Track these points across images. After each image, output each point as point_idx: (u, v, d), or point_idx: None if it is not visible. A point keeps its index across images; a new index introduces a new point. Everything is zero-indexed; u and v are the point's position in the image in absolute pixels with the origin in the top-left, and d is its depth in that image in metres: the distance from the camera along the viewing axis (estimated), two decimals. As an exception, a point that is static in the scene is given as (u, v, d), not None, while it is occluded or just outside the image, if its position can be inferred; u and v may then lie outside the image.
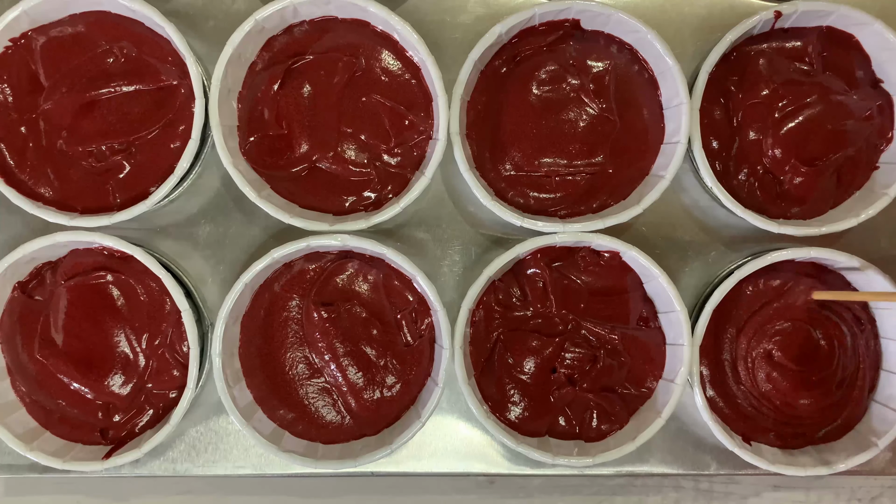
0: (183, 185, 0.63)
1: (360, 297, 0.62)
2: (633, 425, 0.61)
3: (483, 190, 0.59)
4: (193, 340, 0.59)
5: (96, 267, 0.61)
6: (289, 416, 0.62)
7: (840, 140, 0.61)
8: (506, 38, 0.61)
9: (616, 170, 0.62)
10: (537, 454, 0.58)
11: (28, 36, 0.60)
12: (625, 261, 0.62)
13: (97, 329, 0.61)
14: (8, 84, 0.61)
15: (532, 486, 0.72)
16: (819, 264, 0.63)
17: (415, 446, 0.64)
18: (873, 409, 0.63)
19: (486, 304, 0.62)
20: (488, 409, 0.60)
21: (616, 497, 0.72)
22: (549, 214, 0.62)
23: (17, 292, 0.61)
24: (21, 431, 0.60)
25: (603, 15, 0.60)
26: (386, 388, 0.61)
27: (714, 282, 0.64)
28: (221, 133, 0.58)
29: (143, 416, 0.62)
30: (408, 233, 0.65)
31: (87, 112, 0.60)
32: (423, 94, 0.61)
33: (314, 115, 0.61)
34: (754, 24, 0.60)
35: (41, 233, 0.59)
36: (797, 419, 0.63)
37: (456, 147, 0.58)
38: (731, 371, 0.63)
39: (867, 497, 0.73)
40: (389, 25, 0.60)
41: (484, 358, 0.62)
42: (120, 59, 0.61)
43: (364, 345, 0.61)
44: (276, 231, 0.65)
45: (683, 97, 0.59)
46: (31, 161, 0.61)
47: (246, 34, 0.58)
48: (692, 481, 0.73)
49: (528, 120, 0.61)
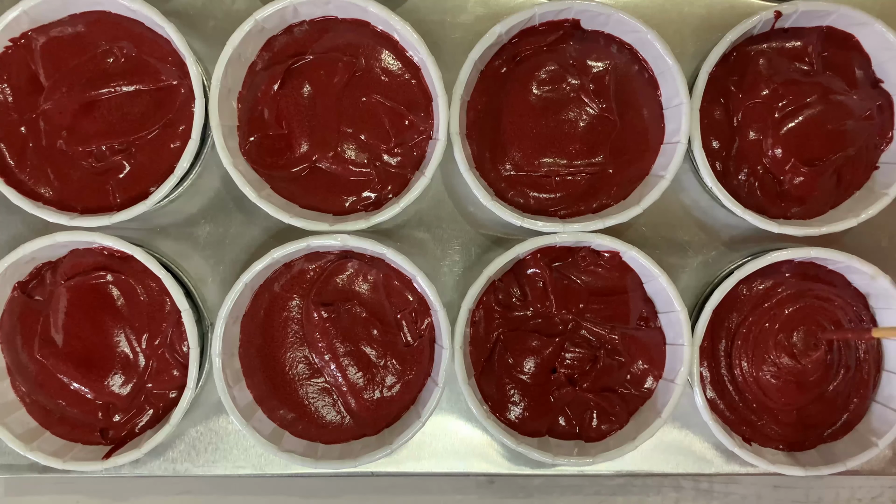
0: (183, 185, 0.63)
1: (360, 297, 0.62)
2: (633, 425, 0.61)
3: (483, 190, 0.59)
4: (193, 340, 0.59)
5: (96, 267, 0.61)
6: (289, 416, 0.62)
7: (840, 140, 0.61)
8: (506, 38, 0.61)
9: (616, 170, 0.62)
10: (537, 454, 0.58)
11: (28, 36, 0.60)
12: (625, 261, 0.62)
13: (97, 329, 0.61)
14: (8, 84, 0.61)
15: (532, 486, 0.72)
16: (819, 264, 0.63)
17: (415, 446, 0.64)
18: (873, 409, 0.63)
19: (486, 304, 0.62)
20: (488, 409, 0.60)
21: (616, 497, 0.72)
22: (549, 214, 0.62)
23: (17, 292, 0.61)
24: (21, 431, 0.60)
25: (603, 15, 0.60)
26: (386, 388, 0.61)
27: (714, 282, 0.64)
28: (221, 133, 0.58)
29: (143, 416, 0.62)
30: (408, 233, 0.65)
31: (87, 112, 0.60)
32: (423, 94, 0.61)
33: (314, 115, 0.61)
34: (754, 24, 0.60)
35: (41, 233, 0.59)
36: (797, 419, 0.63)
37: (456, 147, 0.58)
38: (731, 371, 0.63)
39: (867, 497, 0.73)
40: (389, 25, 0.60)
41: (484, 358, 0.62)
42: (120, 59, 0.61)
43: (364, 345, 0.61)
44: (276, 231, 0.65)
45: (683, 97, 0.59)
46: (31, 161, 0.61)
47: (246, 34, 0.58)
48: (692, 481, 0.73)
49: (528, 120, 0.61)
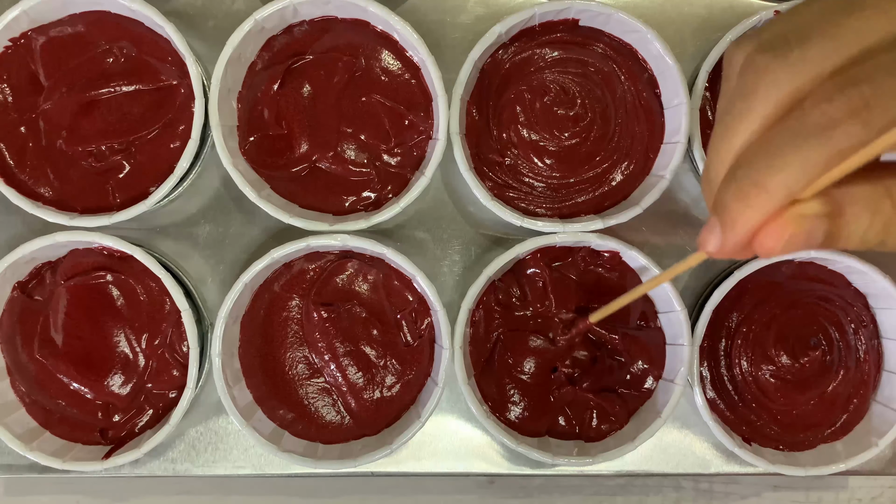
0: (183, 185, 0.63)
1: (360, 297, 0.62)
2: (633, 425, 0.61)
3: (483, 190, 0.59)
4: (193, 340, 0.59)
5: (96, 267, 0.61)
6: (288, 416, 0.62)
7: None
8: (506, 37, 0.61)
9: (616, 170, 0.62)
10: (537, 454, 0.58)
11: (28, 36, 0.60)
12: (625, 261, 0.62)
13: (97, 329, 0.61)
14: (8, 84, 0.60)
15: (532, 486, 0.72)
16: (819, 264, 0.63)
17: (415, 446, 0.64)
18: (873, 409, 0.63)
19: (486, 304, 0.62)
20: (488, 409, 0.60)
21: (616, 497, 0.72)
22: (548, 214, 0.62)
23: (17, 292, 0.61)
24: (21, 431, 0.60)
25: (603, 15, 0.60)
26: (386, 388, 0.61)
27: (714, 282, 0.64)
28: (221, 133, 0.58)
29: (143, 416, 0.62)
30: (408, 233, 0.65)
31: (86, 112, 0.60)
32: (423, 94, 0.61)
33: (314, 115, 0.61)
34: (754, 24, 0.60)
35: (41, 233, 0.59)
36: (797, 419, 0.63)
37: (456, 147, 0.58)
38: (731, 371, 0.63)
39: (867, 497, 0.73)
40: (389, 25, 0.60)
41: (484, 358, 0.62)
42: (120, 59, 0.61)
43: (364, 345, 0.61)
44: (276, 231, 0.65)
45: (683, 97, 0.59)
46: (30, 161, 0.61)
47: (246, 34, 0.58)
48: (692, 481, 0.72)
49: (526, 119, 0.61)
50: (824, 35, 0.28)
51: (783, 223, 0.29)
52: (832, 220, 0.29)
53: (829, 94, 0.27)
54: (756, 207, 0.28)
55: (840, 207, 0.29)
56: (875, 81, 0.27)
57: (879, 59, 0.27)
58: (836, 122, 0.27)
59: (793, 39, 0.28)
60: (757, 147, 0.29)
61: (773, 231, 0.29)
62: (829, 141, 0.27)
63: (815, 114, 0.27)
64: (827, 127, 0.27)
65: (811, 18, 0.29)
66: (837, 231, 0.30)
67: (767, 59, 0.29)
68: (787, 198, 0.28)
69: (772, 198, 0.28)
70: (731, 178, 0.29)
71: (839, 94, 0.27)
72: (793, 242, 0.29)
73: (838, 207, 0.29)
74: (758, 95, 0.29)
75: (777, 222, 0.29)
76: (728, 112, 0.30)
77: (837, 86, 0.27)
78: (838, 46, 0.28)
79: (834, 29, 0.28)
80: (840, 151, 0.27)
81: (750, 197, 0.28)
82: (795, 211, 0.29)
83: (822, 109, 0.27)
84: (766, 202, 0.28)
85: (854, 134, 0.27)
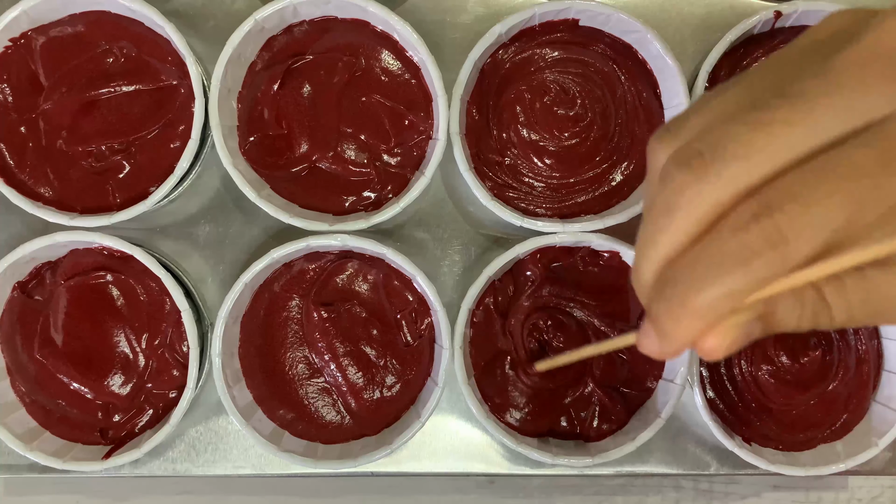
0: (183, 185, 0.63)
1: (360, 297, 0.62)
2: (633, 425, 0.61)
3: (483, 190, 0.59)
4: (193, 340, 0.59)
5: (96, 267, 0.61)
6: (288, 416, 0.62)
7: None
8: (506, 37, 0.61)
9: (616, 170, 0.62)
10: (537, 454, 0.58)
11: (28, 36, 0.60)
12: (625, 261, 0.62)
13: (97, 329, 0.61)
14: (8, 84, 0.60)
15: (532, 486, 0.72)
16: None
17: (415, 446, 0.64)
18: (873, 409, 0.63)
19: (486, 305, 0.62)
20: (488, 409, 0.60)
21: (616, 497, 0.72)
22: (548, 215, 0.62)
23: (17, 292, 0.61)
24: (21, 431, 0.60)
25: (603, 14, 0.60)
26: (386, 388, 0.61)
27: (714, 282, 0.64)
28: (221, 133, 0.58)
29: (143, 416, 0.62)
30: (408, 233, 0.65)
31: (86, 112, 0.60)
32: (423, 94, 0.61)
33: (314, 115, 0.61)
34: (754, 24, 0.60)
35: (41, 233, 0.59)
36: (797, 419, 0.63)
37: (456, 147, 0.58)
38: (730, 371, 0.63)
39: (867, 497, 0.73)
40: (389, 25, 0.60)
41: (484, 358, 0.62)
42: (120, 59, 0.61)
43: (364, 345, 0.61)
44: (276, 231, 0.65)
45: (683, 97, 0.59)
46: (30, 161, 0.61)
47: (246, 34, 0.58)
48: (692, 481, 0.72)
49: (526, 119, 0.61)
50: (736, 156, 0.28)
51: (720, 333, 0.29)
52: (765, 318, 0.30)
53: (745, 222, 0.27)
54: (687, 327, 0.29)
55: (772, 305, 0.30)
56: (788, 212, 0.27)
57: (792, 178, 0.27)
58: (754, 254, 0.27)
59: (707, 154, 0.28)
60: (683, 266, 0.29)
61: (711, 340, 0.29)
62: (749, 271, 0.27)
63: (733, 243, 0.27)
64: (747, 258, 0.27)
65: (721, 133, 0.28)
66: (772, 326, 0.30)
67: (684, 175, 0.28)
68: (716, 318, 0.29)
69: (702, 318, 0.29)
70: (660, 294, 0.30)
71: (755, 224, 0.27)
72: (733, 346, 0.30)
73: (771, 306, 0.30)
74: (679, 214, 0.29)
75: (713, 333, 0.29)
76: (653, 221, 0.30)
77: (753, 215, 0.27)
78: (750, 168, 0.28)
79: (744, 149, 0.28)
80: (762, 279, 0.27)
81: (681, 318, 0.29)
82: (730, 322, 0.29)
83: (739, 239, 0.27)
84: (697, 321, 0.29)
85: (774, 264, 0.27)
